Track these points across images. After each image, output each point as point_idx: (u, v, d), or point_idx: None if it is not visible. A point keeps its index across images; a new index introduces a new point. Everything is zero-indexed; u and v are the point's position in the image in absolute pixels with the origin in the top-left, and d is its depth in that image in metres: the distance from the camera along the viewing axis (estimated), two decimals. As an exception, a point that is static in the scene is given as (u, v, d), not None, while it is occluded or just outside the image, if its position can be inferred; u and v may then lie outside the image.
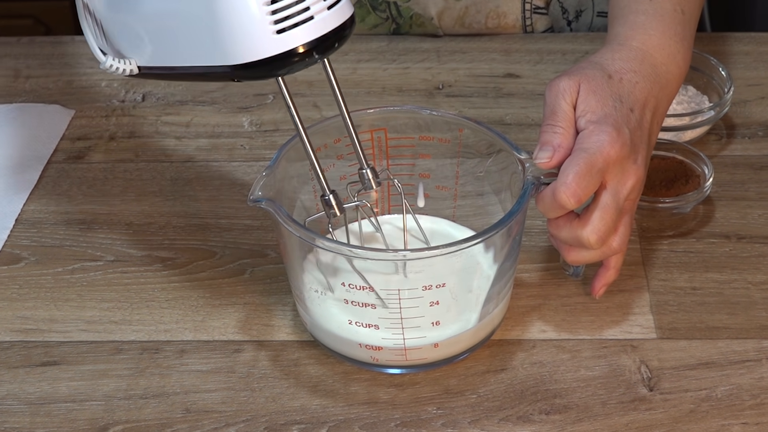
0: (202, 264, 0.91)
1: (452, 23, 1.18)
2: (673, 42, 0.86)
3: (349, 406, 0.79)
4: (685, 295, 0.87)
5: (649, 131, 0.82)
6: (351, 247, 0.78)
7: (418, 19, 1.18)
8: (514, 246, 0.79)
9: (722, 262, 0.90)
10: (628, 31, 0.86)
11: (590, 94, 0.80)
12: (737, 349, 0.82)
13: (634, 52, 0.84)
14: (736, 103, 1.07)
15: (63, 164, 1.03)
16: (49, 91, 1.13)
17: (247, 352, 0.83)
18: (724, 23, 1.62)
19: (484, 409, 0.78)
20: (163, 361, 0.83)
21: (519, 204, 0.77)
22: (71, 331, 0.85)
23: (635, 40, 0.85)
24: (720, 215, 0.94)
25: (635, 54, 0.84)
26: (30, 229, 0.95)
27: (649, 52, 0.84)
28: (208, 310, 0.87)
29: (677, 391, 0.79)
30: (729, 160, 1.01)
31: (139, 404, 0.79)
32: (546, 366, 0.81)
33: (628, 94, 0.81)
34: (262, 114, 1.08)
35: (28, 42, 1.21)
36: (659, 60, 0.84)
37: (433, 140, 0.85)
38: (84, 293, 0.89)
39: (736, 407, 0.78)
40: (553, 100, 0.80)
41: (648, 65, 0.83)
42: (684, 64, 0.87)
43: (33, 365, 0.83)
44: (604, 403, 0.78)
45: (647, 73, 0.83)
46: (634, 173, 0.78)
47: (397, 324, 0.77)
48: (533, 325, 0.85)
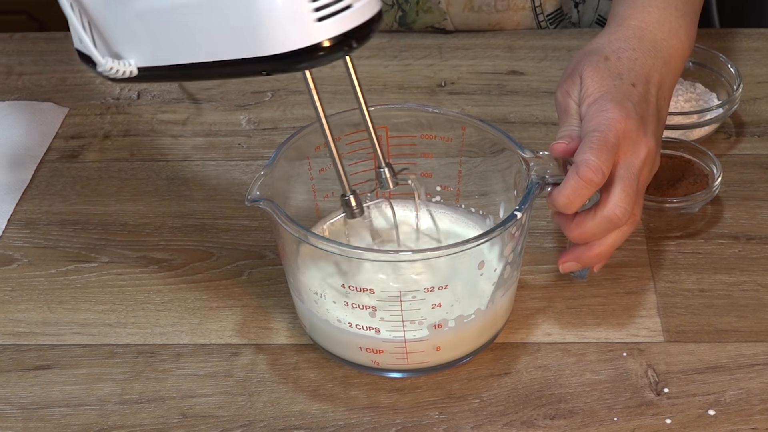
0: (198, 265, 0.91)
1: (461, 7, 1.18)
2: (674, 17, 0.87)
3: (349, 410, 0.79)
4: (693, 297, 0.87)
5: (657, 106, 0.82)
6: (351, 248, 0.78)
7: (425, 4, 1.18)
8: (518, 247, 0.79)
9: (731, 264, 0.90)
10: (627, 10, 0.87)
11: (588, 80, 0.81)
12: (746, 353, 0.82)
13: (632, 31, 0.85)
14: (746, 100, 1.07)
15: (56, 163, 1.03)
16: (42, 89, 1.13)
17: (245, 356, 0.83)
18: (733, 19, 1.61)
19: (488, 414, 0.78)
20: (159, 365, 0.83)
21: (523, 203, 0.76)
22: (65, 334, 0.85)
23: (634, 18, 0.86)
24: (729, 215, 0.94)
25: (633, 32, 0.85)
26: (23, 229, 0.95)
27: (648, 29, 0.85)
28: (205, 313, 0.87)
29: (685, 396, 0.79)
30: (738, 159, 1.01)
31: (135, 409, 0.79)
32: (551, 370, 0.81)
33: (628, 71, 0.82)
34: (260, 112, 1.08)
35: (21, 38, 1.21)
36: (659, 36, 0.85)
37: (435, 139, 0.85)
38: (78, 295, 0.89)
39: (745, 412, 0.78)
40: (562, 101, 0.82)
41: (648, 41, 0.84)
42: (687, 38, 0.87)
43: (26, 369, 0.83)
44: (610, 408, 0.78)
45: (647, 49, 0.84)
46: (645, 144, 0.79)
47: (399, 327, 0.77)
48: (538, 328, 0.85)
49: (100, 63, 0.74)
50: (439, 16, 1.18)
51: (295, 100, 1.09)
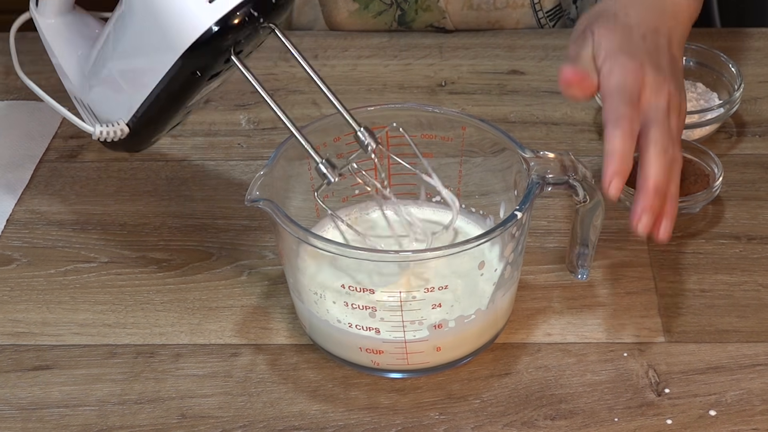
0: (198, 266, 0.91)
1: (460, 5, 1.18)
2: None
3: (349, 411, 0.79)
4: (694, 297, 0.87)
5: (670, 55, 0.83)
6: (351, 248, 0.78)
7: (424, 3, 1.18)
8: (519, 247, 0.79)
9: (732, 264, 0.90)
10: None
11: (600, 36, 0.81)
12: (748, 353, 0.82)
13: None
14: (747, 100, 1.07)
15: (55, 163, 1.03)
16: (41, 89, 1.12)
17: (245, 356, 0.83)
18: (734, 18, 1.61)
19: (488, 414, 0.78)
20: (158, 366, 0.83)
21: (524, 203, 0.76)
22: (64, 335, 0.85)
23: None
24: (730, 215, 0.94)
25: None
26: (22, 229, 0.95)
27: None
28: (205, 313, 0.87)
29: (686, 396, 0.79)
30: (739, 159, 1.01)
31: (134, 410, 0.79)
32: (551, 370, 0.81)
33: (637, 25, 0.82)
34: (259, 112, 1.08)
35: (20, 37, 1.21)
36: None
37: (435, 138, 0.85)
38: (77, 295, 0.89)
39: (746, 413, 0.78)
40: (575, 53, 0.82)
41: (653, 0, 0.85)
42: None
43: (25, 369, 0.83)
44: (611, 408, 0.78)
45: (653, 6, 0.85)
46: (665, 85, 0.79)
47: (399, 327, 0.77)
48: (538, 328, 0.85)
49: (91, 132, 0.82)
50: (438, 15, 1.18)
51: (295, 99, 1.09)
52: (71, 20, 0.88)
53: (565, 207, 0.95)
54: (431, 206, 0.89)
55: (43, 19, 0.88)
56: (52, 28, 0.88)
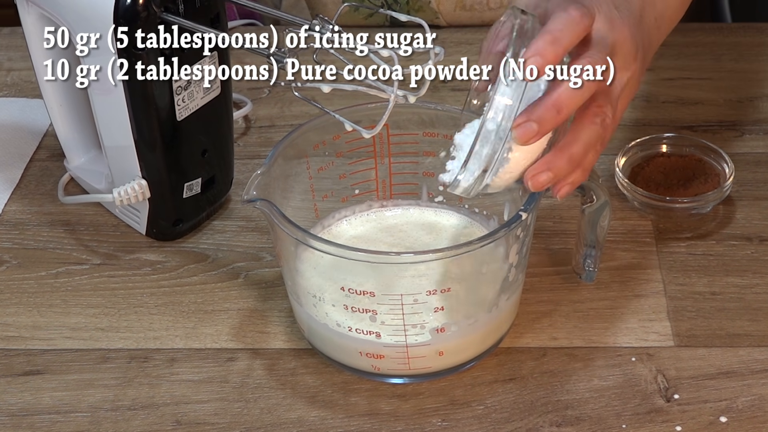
0: (193, 268, 0.91)
1: (452, 6, 1.18)
2: None
3: (348, 417, 0.79)
4: (704, 300, 0.87)
5: (640, 12, 0.77)
6: (351, 250, 0.78)
7: (416, 4, 1.18)
8: (524, 248, 0.79)
9: (743, 266, 0.90)
10: None
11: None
12: (759, 358, 0.82)
13: None
14: (759, 97, 1.07)
15: (47, 162, 1.03)
16: (32, 85, 1.12)
17: (241, 361, 0.83)
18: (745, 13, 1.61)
19: (492, 421, 0.78)
20: (153, 371, 0.83)
21: (528, 204, 0.76)
22: (55, 339, 0.85)
23: None
24: (741, 216, 0.94)
25: None
26: (11, 230, 0.95)
27: None
28: (200, 317, 0.87)
29: (696, 402, 0.79)
30: (750, 158, 1.01)
31: (127, 416, 0.79)
32: (557, 375, 0.81)
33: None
34: (257, 109, 1.08)
35: (10, 33, 1.21)
36: None
37: (437, 137, 0.85)
38: (69, 298, 0.89)
39: (758, 419, 0.78)
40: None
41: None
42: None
43: (15, 374, 0.83)
44: (619, 414, 0.78)
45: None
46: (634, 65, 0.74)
47: (400, 331, 0.77)
48: (544, 332, 0.85)
49: (114, 198, 0.89)
50: (430, 15, 1.19)
51: (293, 96, 1.09)
52: None
53: (571, 207, 0.95)
54: (433, 206, 0.89)
55: None
56: None
